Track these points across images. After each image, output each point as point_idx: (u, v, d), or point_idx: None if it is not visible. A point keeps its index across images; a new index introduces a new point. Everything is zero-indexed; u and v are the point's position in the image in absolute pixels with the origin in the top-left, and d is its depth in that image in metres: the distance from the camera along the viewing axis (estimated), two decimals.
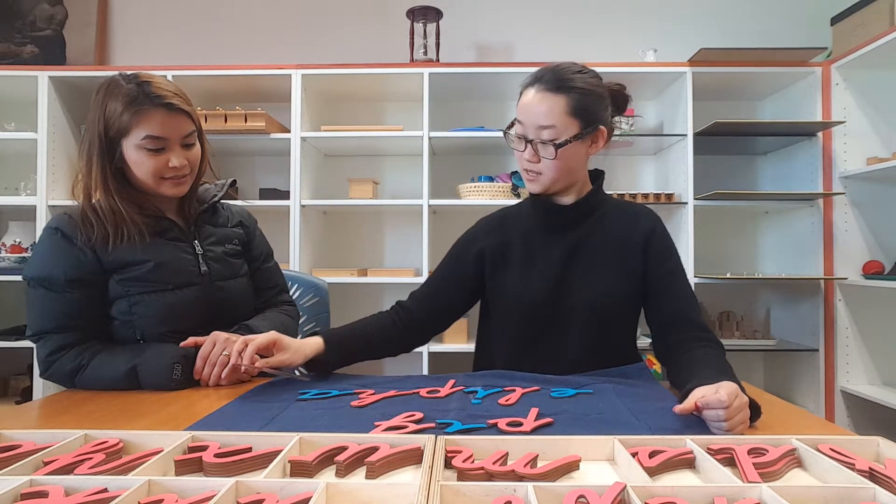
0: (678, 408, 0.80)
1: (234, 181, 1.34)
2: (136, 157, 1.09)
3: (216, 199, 1.26)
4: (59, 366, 1.06)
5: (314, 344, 1.10)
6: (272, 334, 1.05)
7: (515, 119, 1.12)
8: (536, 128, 1.07)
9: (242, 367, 1.04)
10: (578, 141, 1.08)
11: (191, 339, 1.09)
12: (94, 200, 1.11)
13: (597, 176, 1.21)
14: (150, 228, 1.13)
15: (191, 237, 1.19)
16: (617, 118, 1.21)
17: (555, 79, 1.07)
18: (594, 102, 1.09)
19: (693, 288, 1.19)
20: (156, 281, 1.11)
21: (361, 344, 1.17)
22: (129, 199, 1.12)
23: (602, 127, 1.11)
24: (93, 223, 1.09)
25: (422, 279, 2.32)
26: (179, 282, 1.13)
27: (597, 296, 1.13)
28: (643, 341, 1.59)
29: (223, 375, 1.07)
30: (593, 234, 1.17)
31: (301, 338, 1.59)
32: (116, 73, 1.11)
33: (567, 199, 1.18)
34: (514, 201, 2.35)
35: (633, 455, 0.62)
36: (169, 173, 1.11)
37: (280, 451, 0.62)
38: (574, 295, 1.14)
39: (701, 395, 0.79)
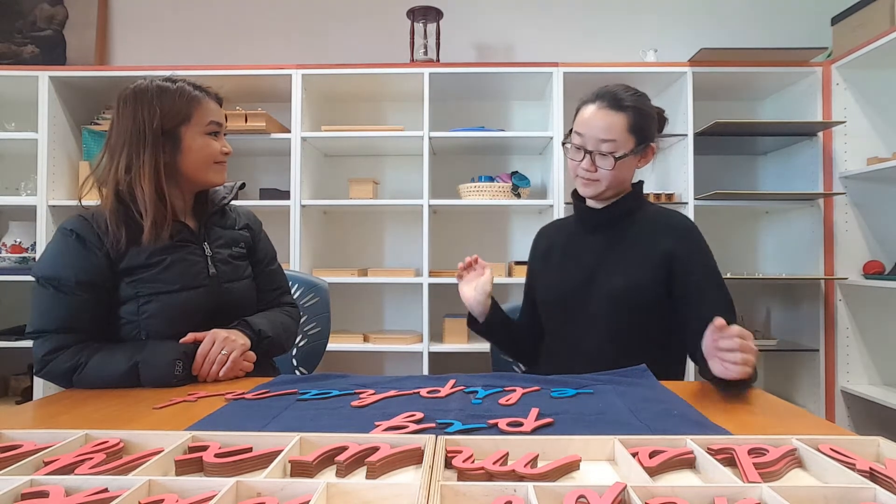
0: (716, 323, 0.91)
1: (244, 184, 1.35)
2: (201, 142, 1.16)
3: (225, 201, 1.28)
4: (56, 365, 1.07)
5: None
6: None
7: (573, 131, 1.24)
8: (597, 140, 1.20)
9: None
10: (633, 155, 1.22)
11: (190, 336, 1.10)
12: (137, 190, 1.10)
13: (636, 185, 1.32)
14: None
15: (201, 240, 1.21)
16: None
17: (615, 98, 1.21)
18: (648, 122, 1.24)
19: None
20: (166, 283, 1.12)
21: (508, 322, 1.40)
22: (173, 187, 1.17)
23: (652, 144, 1.25)
24: (118, 224, 1.10)
25: (422, 279, 2.33)
26: (188, 284, 1.15)
27: (618, 284, 1.23)
28: None
29: (221, 373, 1.09)
30: (625, 234, 1.27)
31: (300, 338, 1.60)
32: (144, 79, 1.16)
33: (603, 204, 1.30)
34: (514, 201, 2.36)
35: (634, 455, 0.62)
36: (222, 158, 1.20)
37: (280, 451, 0.62)
38: (598, 287, 1.25)
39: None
